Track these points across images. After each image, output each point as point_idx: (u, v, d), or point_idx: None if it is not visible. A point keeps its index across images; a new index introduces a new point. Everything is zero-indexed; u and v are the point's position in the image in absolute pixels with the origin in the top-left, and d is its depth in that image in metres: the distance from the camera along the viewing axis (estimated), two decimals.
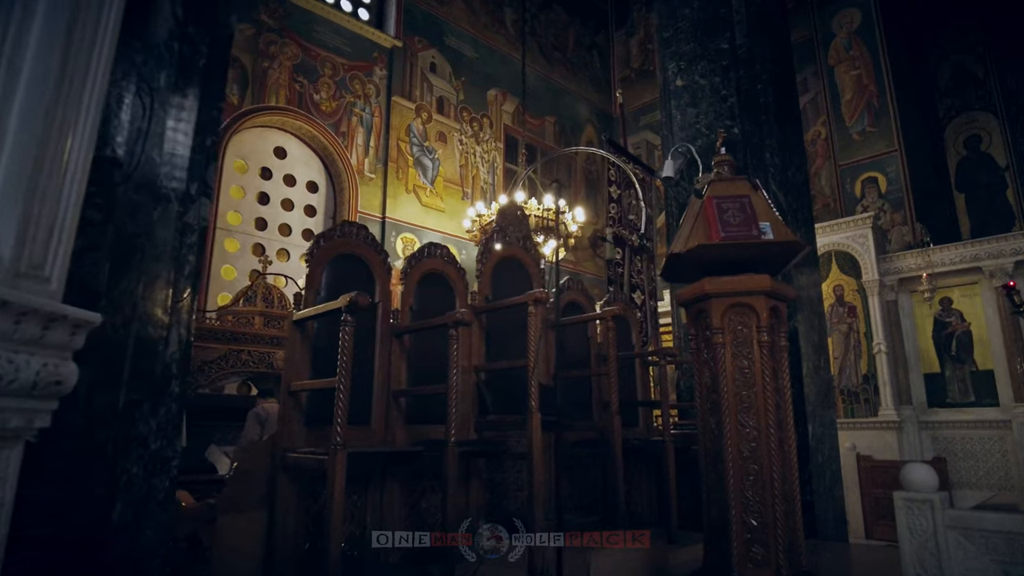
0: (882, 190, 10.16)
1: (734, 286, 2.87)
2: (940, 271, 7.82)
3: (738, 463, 2.75)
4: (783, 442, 2.84)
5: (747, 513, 2.70)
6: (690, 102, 6.24)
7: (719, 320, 2.88)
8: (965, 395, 7.68)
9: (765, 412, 2.77)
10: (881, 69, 10.86)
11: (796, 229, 5.96)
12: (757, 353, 2.82)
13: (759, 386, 2.79)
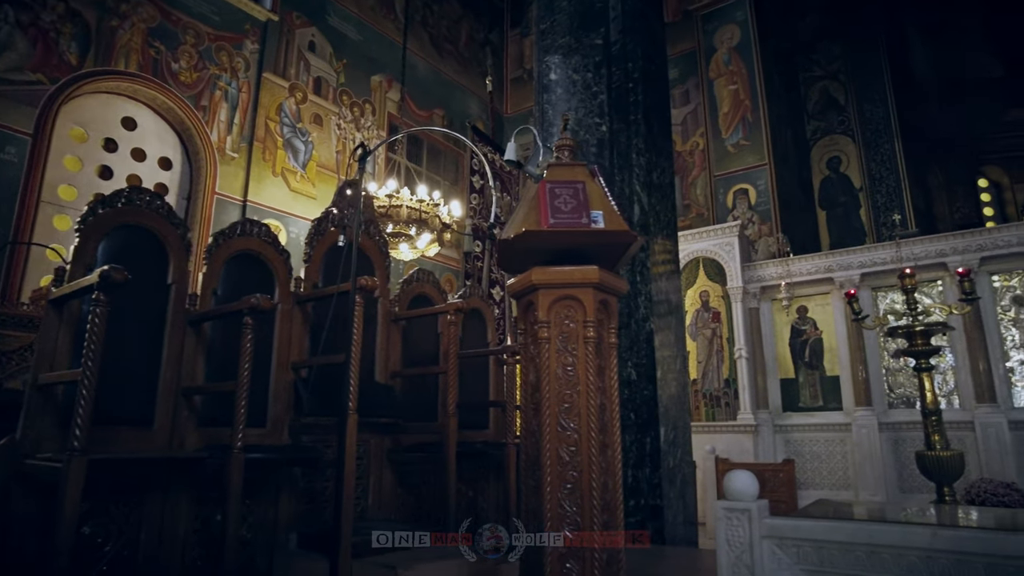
0: (752, 202, 10.58)
1: (561, 277, 2.63)
2: (798, 280, 8.17)
3: (556, 469, 2.51)
4: (606, 447, 2.62)
5: (563, 524, 2.46)
6: (562, 97, 6.09)
7: (546, 313, 2.63)
8: (815, 400, 8.06)
9: (588, 414, 2.54)
10: (756, 86, 11.32)
11: (659, 231, 5.95)
12: (582, 350, 2.60)
13: (583, 385, 2.57)
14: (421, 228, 7.83)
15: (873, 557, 2.16)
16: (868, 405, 7.52)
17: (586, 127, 5.90)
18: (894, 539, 2.13)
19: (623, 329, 5.42)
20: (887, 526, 2.18)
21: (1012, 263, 7.05)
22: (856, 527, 2.23)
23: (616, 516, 2.63)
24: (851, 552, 2.20)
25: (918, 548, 2.09)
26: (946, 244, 7.32)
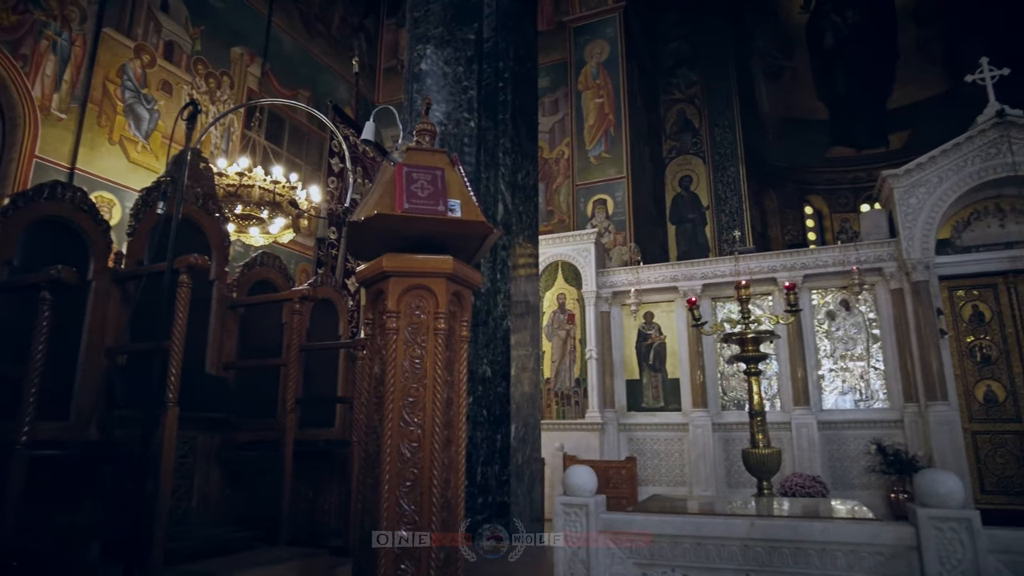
0: (609, 212, 11.04)
1: (414, 265, 2.52)
2: (646, 288, 8.63)
3: (396, 467, 2.39)
4: (451, 443, 2.55)
5: (400, 524, 2.35)
6: (432, 88, 5.96)
7: (395, 303, 2.51)
8: (657, 400, 8.55)
9: (434, 409, 2.45)
10: (620, 102, 11.83)
11: (521, 231, 6.00)
12: (432, 342, 2.50)
13: (430, 379, 2.47)
14: (275, 212, 7.35)
15: (699, 549, 2.26)
16: (704, 406, 8.10)
17: (455, 121, 5.82)
18: (717, 531, 2.23)
19: (480, 326, 5.40)
20: (711, 519, 2.29)
21: (828, 281, 7.91)
22: (684, 520, 2.32)
23: (457, 514, 2.56)
24: (679, 544, 2.29)
25: (738, 538, 2.21)
26: (777, 261, 8.07)
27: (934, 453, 6.87)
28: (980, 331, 7.34)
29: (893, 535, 2.06)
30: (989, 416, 7.15)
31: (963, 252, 7.44)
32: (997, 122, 7.14)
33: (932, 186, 7.38)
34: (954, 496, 1.99)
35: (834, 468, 7.52)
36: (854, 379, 7.72)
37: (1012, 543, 1.95)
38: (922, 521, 1.99)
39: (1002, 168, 7.06)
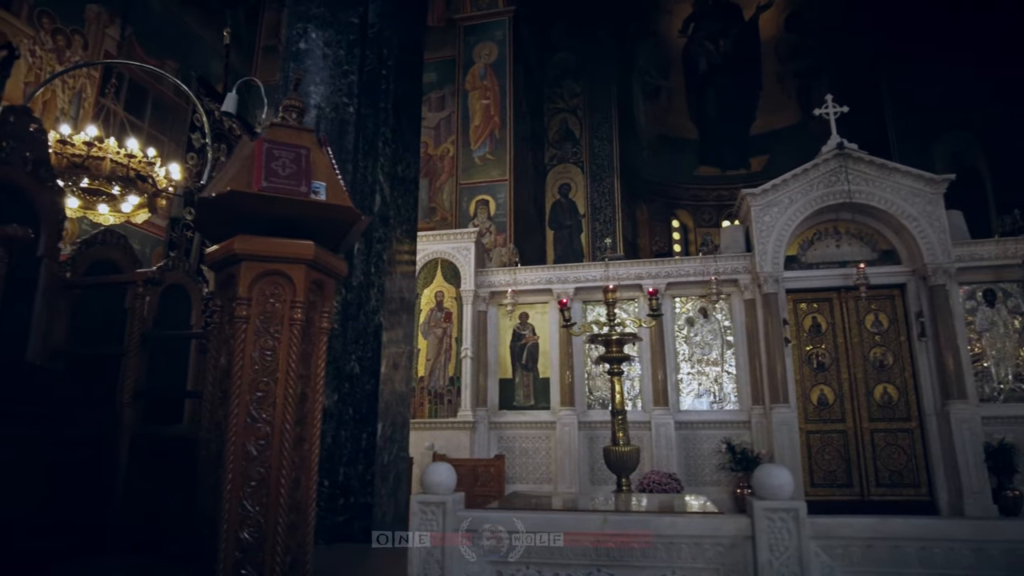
0: (491, 212, 11.11)
1: (269, 249, 2.35)
2: (523, 289, 8.76)
3: (241, 465, 2.22)
4: (303, 441, 2.41)
5: (242, 527, 2.18)
6: (311, 69, 5.67)
7: (247, 289, 2.33)
8: (528, 399, 8.69)
9: (285, 404, 2.30)
10: (506, 106, 11.93)
11: (398, 224, 5.87)
12: (287, 333, 2.35)
13: (282, 372, 2.32)
14: (127, 188, 6.68)
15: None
16: (572, 405, 8.33)
17: (333, 105, 5.58)
18: (571, 526, 2.26)
19: (351, 321, 5.21)
20: (565, 515, 2.31)
21: (689, 289, 8.42)
22: (539, 517, 2.33)
23: (307, 516, 2.42)
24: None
25: (591, 533, 2.24)
26: (643, 268, 8.48)
27: (775, 451, 7.49)
28: (817, 340, 8.12)
29: (733, 527, 2.18)
30: (821, 417, 7.92)
31: (807, 268, 8.19)
32: (837, 153, 7.93)
33: (784, 206, 8.07)
34: (784, 489, 2.14)
35: (689, 465, 8.00)
36: (709, 382, 8.26)
37: (829, 529, 2.12)
38: (757, 513, 2.12)
39: (840, 195, 7.85)
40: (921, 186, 7.84)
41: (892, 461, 7.73)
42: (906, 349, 7.90)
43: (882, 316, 8.02)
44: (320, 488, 4.81)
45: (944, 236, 7.68)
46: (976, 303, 7.88)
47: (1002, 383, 7.65)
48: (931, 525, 2.16)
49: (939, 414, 7.49)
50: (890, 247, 8.08)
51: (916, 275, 7.84)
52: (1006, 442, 7.12)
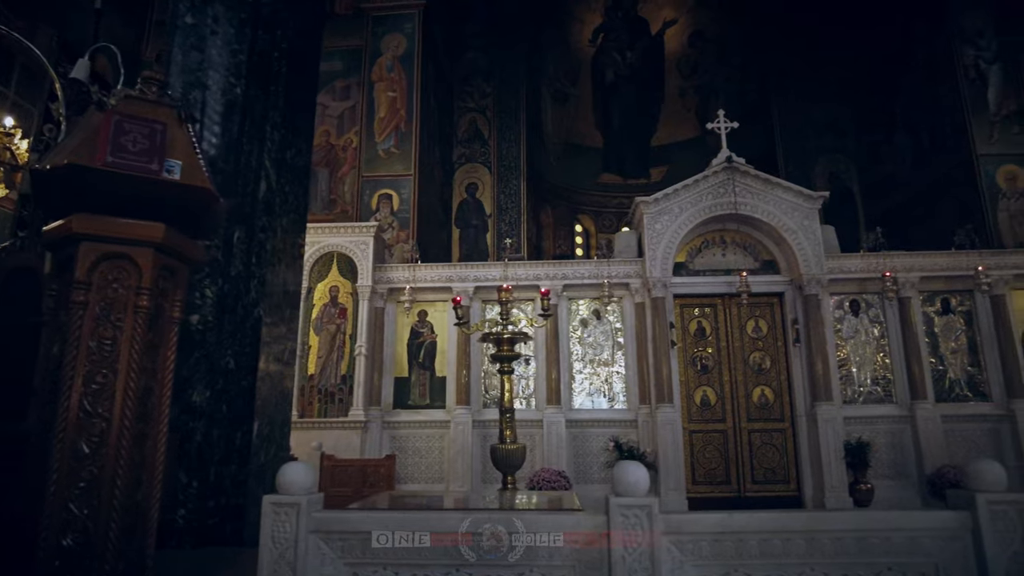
0: (395, 207, 10.91)
1: (112, 229, 2.16)
2: (422, 286, 8.65)
3: (69, 465, 2.02)
4: (146, 438, 2.23)
5: (65, 532, 1.99)
6: (196, 45, 5.35)
7: (86, 272, 2.13)
8: (423, 398, 8.58)
9: (125, 399, 2.12)
10: (413, 100, 11.75)
11: (285, 213, 5.62)
12: (131, 322, 2.16)
13: (123, 364, 2.13)
14: None
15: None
16: (467, 404, 8.30)
17: (219, 85, 5.28)
18: (432, 526, 2.21)
19: (228, 314, 4.93)
20: (428, 514, 2.27)
21: (583, 292, 8.61)
22: (402, 517, 2.27)
23: (148, 518, 2.24)
24: None
25: (456, 533, 2.21)
26: (541, 270, 8.58)
27: (659, 449, 7.78)
28: (702, 344, 8.51)
29: (592, 523, 2.20)
30: (703, 417, 8.30)
31: (694, 275, 8.57)
32: (726, 167, 8.36)
33: (674, 215, 8.40)
34: (640, 485, 2.19)
35: (578, 463, 8.16)
36: (600, 382, 8.47)
37: (681, 524, 2.19)
38: (612, 509, 2.16)
39: (727, 206, 8.27)
40: (800, 201, 8.39)
41: (767, 459, 8.22)
42: (782, 354, 8.43)
43: (762, 322, 8.52)
44: (188, 489, 4.54)
45: (818, 249, 8.26)
46: (843, 312, 8.52)
47: (862, 386, 8.32)
48: (770, 518, 2.28)
49: (808, 415, 8.03)
50: (771, 257, 8.59)
51: (793, 284, 8.39)
52: (862, 440, 7.74)
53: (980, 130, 10.34)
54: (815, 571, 2.18)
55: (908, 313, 8.29)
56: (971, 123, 10.36)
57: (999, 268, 8.33)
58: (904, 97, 12.29)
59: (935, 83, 11.31)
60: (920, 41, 11.73)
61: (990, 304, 8.36)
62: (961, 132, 10.53)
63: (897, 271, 8.26)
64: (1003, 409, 8.10)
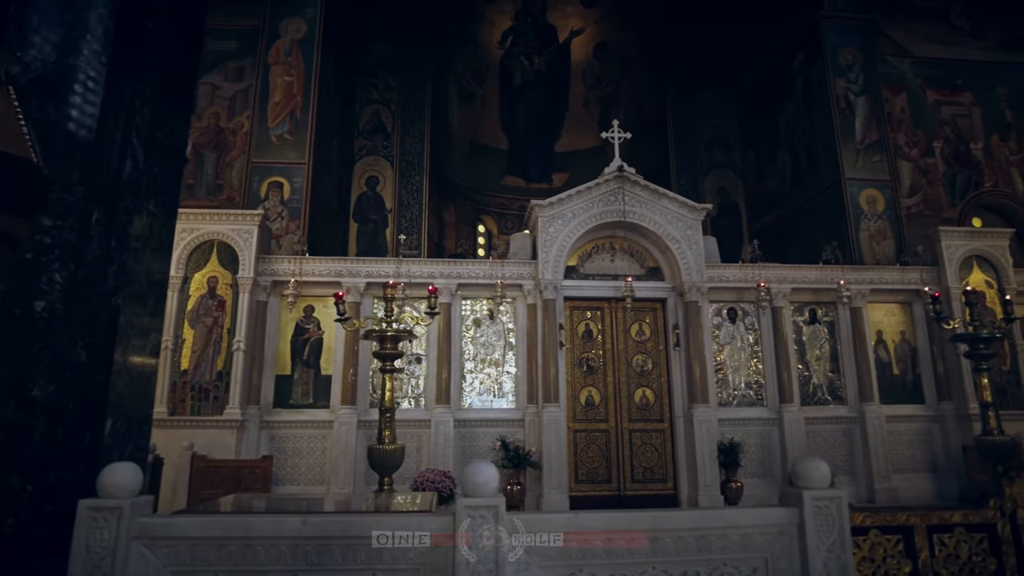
0: (285, 196, 10.46)
1: None
2: (309, 280, 8.33)
3: None
4: None
5: None
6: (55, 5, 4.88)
7: None
8: (307, 397, 8.27)
9: None
10: (311, 87, 11.33)
11: (153, 196, 5.23)
12: None
13: None
14: None
15: (247, 551, 2.09)
16: (352, 404, 8.08)
17: (80, 52, 4.83)
18: (267, 530, 2.10)
19: (79, 301, 4.51)
20: (262, 518, 2.14)
21: (478, 292, 8.60)
22: (234, 521, 2.13)
23: None
24: (226, 547, 2.09)
25: (288, 537, 2.10)
26: (436, 268, 8.49)
27: (544, 448, 7.89)
28: (589, 346, 8.72)
29: (437, 525, 2.16)
30: (587, 417, 8.50)
31: (584, 278, 8.77)
32: (617, 175, 8.61)
33: (567, 219, 8.56)
34: (489, 486, 2.17)
35: (465, 463, 8.08)
36: (490, 381, 8.49)
37: (529, 525, 2.18)
38: (459, 510, 2.13)
39: (617, 213, 8.52)
40: (684, 212, 8.78)
41: (646, 459, 8.53)
42: (664, 357, 8.78)
43: (646, 326, 8.84)
44: (21, 494, 4.12)
45: (700, 258, 8.67)
46: (722, 319, 8.99)
47: (736, 389, 8.81)
48: (615, 518, 2.33)
49: (685, 416, 8.41)
50: (656, 265, 8.94)
51: (675, 291, 8.76)
52: (734, 441, 8.20)
53: (848, 156, 11.24)
54: (656, 569, 2.25)
55: (780, 322, 8.87)
56: (840, 149, 11.24)
57: (858, 283, 9.08)
58: (786, 119, 13.17)
59: (812, 109, 12.20)
60: (801, 69, 12.60)
61: (850, 315, 9.09)
62: (832, 156, 11.41)
63: (771, 282, 8.82)
64: (856, 412, 8.82)
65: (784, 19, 13.01)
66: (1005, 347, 9.19)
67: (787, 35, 12.98)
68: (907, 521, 2.66)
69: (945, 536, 2.71)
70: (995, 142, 12.14)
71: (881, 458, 8.60)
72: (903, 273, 9.37)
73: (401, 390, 8.36)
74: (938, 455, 8.94)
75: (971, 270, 9.45)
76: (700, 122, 15.66)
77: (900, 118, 11.96)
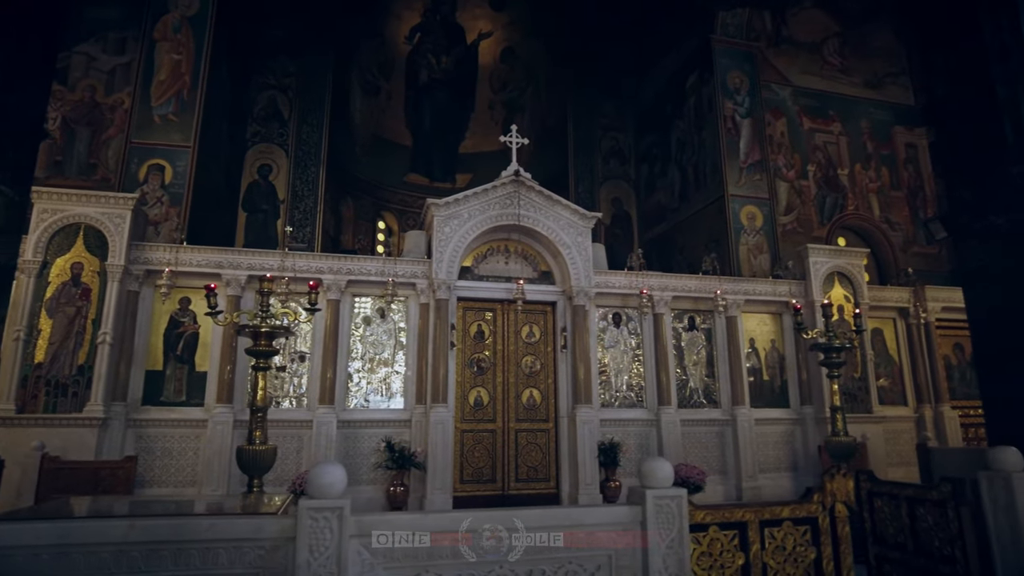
0: (166, 180, 9.84)
1: None
2: (187, 271, 7.87)
3: None
4: None
5: None
6: None
7: None
8: (179, 394, 7.80)
9: None
10: (201, 66, 10.73)
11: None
12: None
13: None
14: None
15: (62, 559, 1.94)
16: (229, 402, 7.70)
17: None
18: (88, 536, 1.96)
19: None
20: (82, 523, 2.00)
21: (369, 289, 8.44)
22: (48, 527, 1.98)
23: None
24: (39, 557, 1.93)
25: (112, 543, 1.97)
26: (324, 263, 8.26)
27: (430, 449, 7.86)
28: (480, 346, 8.77)
29: (276, 528, 2.10)
30: (476, 417, 8.56)
31: (478, 280, 8.82)
32: (514, 180, 8.73)
33: (463, 220, 8.58)
34: (335, 487, 2.14)
35: (348, 464, 7.93)
36: (378, 381, 8.36)
37: (373, 526, 2.17)
38: (301, 512, 2.08)
39: (512, 217, 8.64)
40: (577, 219, 9.02)
41: (530, 458, 8.68)
42: (551, 359, 8.98)
43: (536, 328, 9.01)
44: None
45: (589, 264, 8.94)
46: (608, 323, 9.31)
47: (619, 391, 9.16)
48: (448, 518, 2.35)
49: (569, 416, 8.64)
50: (548, 269, 9.13)
51: (565, 295, 8.99)
52: (615, 441, 8.51)
53: (732, 174, 11.96)
54: (503, 568, 2.29)
55: (661, 328, 9.30)
56: (725, 167, 11.94)
57: (734, 293, 9.68)
58: (678, 136, 13.84)
59: (701, 128, 12.89)
60: (693, 89, 13.29)
61: (726, 324, 9.67)
62: (717, 174, 12.10)
63: (654, 290, 9.23)
64: (729, 415, 9.40)
65: (680, 39, 13.68)
66: (858, 356, 10.10)
67: (682, 55, 13.65)
68: (742, 517, 2.86)
69: (775, 530, 2.94)
70: (858, 169, 13.31)
71: (749, 458, 9.20)
72: (775, 285, 10.08)
73: (283, 389, 8.07)
74: (799, 455, 9.68)
75: (833, 285, 10.31)
76: (599, 133, 16.16)
77: (780, 141, 12.86)
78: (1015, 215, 5.77)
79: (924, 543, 3.45)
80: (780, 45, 13.42)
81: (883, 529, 3.70)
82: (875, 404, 10.09)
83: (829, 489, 2.97)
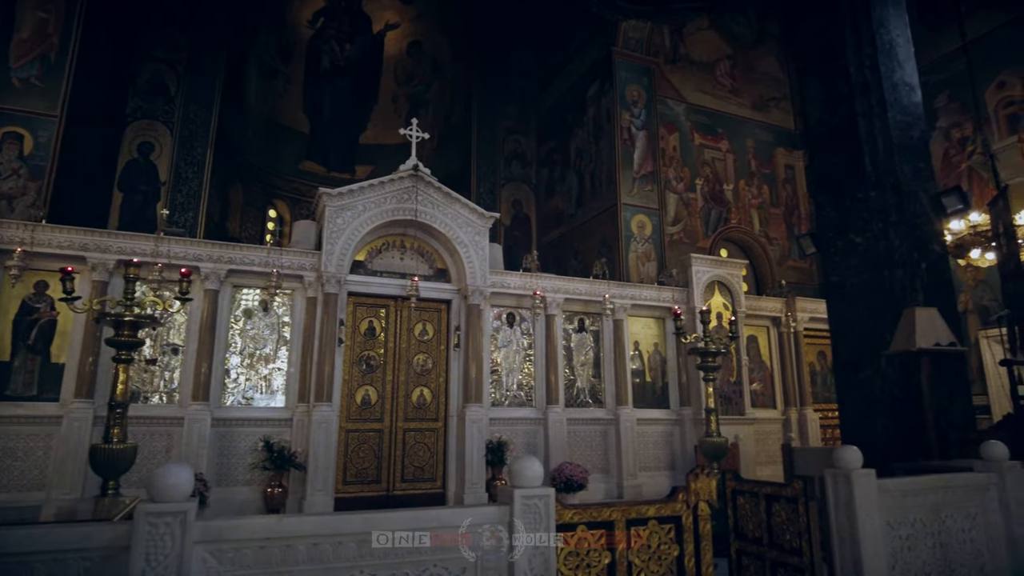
0: (25, 151, 8.93)
1: None
2: (45, 251, 7.15)
3: None
4: None
5: None
6: None
7: None
8: (29, 388, 7.07)
9: None
10: (74, 28, 9.83)
11: None
12: None
13: None
14: None
15: None
16: (89, 397, 7.07)
17: None
18: None
19: None
20: None
21: (252, 280, 8.02)
22: None
23: None
24: None
25: None
26: (203, 250, 7.77)
27: (311, 449, 7.57)
28: (371, 344, 8.57)
29: (108, 536, 1.92)
30: (362, 416, 8.34)
31: (371, 275, 8.61)
32: (412, 174, 8.60)
33: (357, 212, 8.35)
34: (179, 489, 1.98)
35: (222, 464, 7.54)
36: (258, 378, 7.97)
37: (220, 532, 2.04)
38: (138, 517, 1.92)
39: (409, 212, 8.50)
40: (474, 218, 9.01)
41: (418, 458, 8.58)
42: (444, 357, 8.92)
43: (429, 326, 8.92)
44: None
45: (485, 264, 8.96)
46: (501, 323, 9.37)
47: (509, 390, 9.23)
48: (323, 522, 2.26)
49: (459, 415, 8.61)
50: (445, 266, 9.07)
51: (460, 293, 8.96)
52: (502, 439, 8.58)
53: (625, 184, 12.38)
54: (363, 573, 2.23)
55: (552, 329, 9.47)
56: (619, 176, 12.34)
57: (621, 297, 10.02)
58: (577, 143, 14.17)
59: (599, 137, 13.26)
60: (593, 99, 13.65)
61: (613, 326, 9.99)
62: (612, 182, 12.50)
63: (546, 291, 9.39)
64: (612, 415, 9.71)
65: (583, 48, 14.01)
66: (734, 361, 10.75)
67: (585, 64, 13.99)
68: (610, 516, 2.94)
69: (641, 528, 3.05)
70: (742, 185, 14.18)
71: (631, 457, 9.55)
72: (660, 291, 10.53)
73: (152, 384, 7.51)
74: (676, 454, 10.16)
75: (714, 293, 10.91)
76: (502, 135, 16.26)
77: (672, 155, 13.47)
78: (870, 235, 6.34)
79: (777, 536, 3.70)
80: (677, 62, 14.06)
81: (744, 525, 3.94)
82: (748, 407, 10.78)
83: (693, 488, 3.12)
